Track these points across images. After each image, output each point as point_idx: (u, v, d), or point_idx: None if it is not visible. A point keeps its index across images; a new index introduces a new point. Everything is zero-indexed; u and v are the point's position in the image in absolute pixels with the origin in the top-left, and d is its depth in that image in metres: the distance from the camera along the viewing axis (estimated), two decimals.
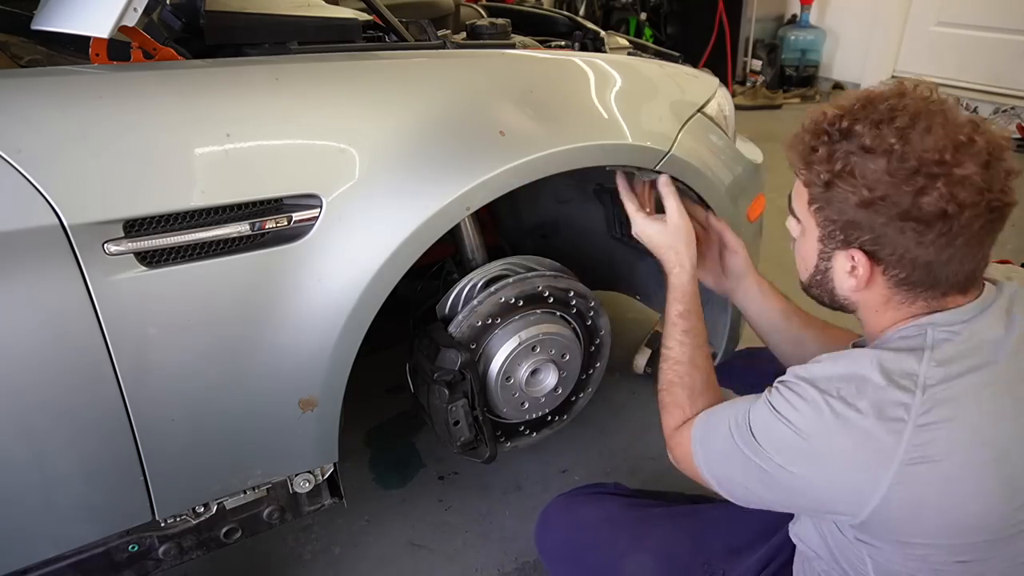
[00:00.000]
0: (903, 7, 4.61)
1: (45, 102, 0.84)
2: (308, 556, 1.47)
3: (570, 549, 1.20)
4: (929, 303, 0.81)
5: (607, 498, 1.24)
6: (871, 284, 0.82)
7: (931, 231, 0.73)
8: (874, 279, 0.81)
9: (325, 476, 1.16)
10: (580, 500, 1.25)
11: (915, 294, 0.80)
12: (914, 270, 0.77)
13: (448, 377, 1.24)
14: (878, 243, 0.77)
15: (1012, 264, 2.85)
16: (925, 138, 0.72)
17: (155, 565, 1.08)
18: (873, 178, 0.74)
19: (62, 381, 0.87)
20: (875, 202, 0.75)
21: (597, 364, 1.51)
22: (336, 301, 0.99)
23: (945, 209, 0.72)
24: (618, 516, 1.18)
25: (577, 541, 1.20)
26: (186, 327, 0.92)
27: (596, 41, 1.56)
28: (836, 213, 0.80)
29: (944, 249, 0.74)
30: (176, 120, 0.89)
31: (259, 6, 1.18)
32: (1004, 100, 4.23)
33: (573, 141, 1.13)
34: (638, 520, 1.19)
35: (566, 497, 1.26)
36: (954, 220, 0.72)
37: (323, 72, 1.04)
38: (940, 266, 0.76)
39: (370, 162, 0.99)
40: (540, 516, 1.25)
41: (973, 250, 0.76)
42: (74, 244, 0.82)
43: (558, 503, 1.26)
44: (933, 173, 0.71)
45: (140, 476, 0.96)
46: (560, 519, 1.24)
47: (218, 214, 0.90)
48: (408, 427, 1.83)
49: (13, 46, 1.19)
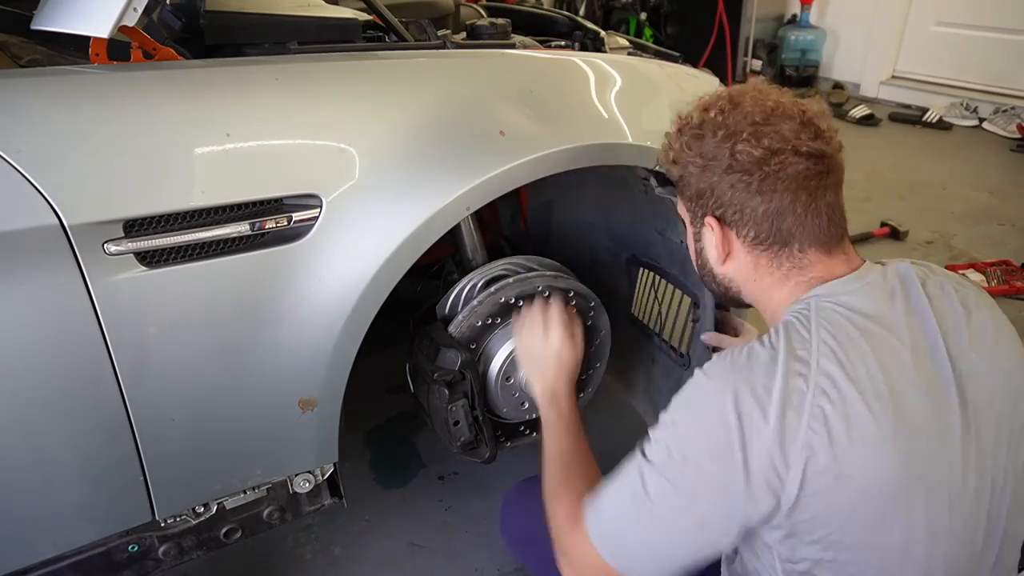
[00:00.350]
0: (903, 7, 4.62)
1: (45, 102, 0.84)
2: (308, 556, 1.47)
3: (526, 533, 1.23)
4: (796, 267, 0.86)
5: None
6: (732, 252, 0.90)
7: (753, 177, 0.83)
8: (732, 245, 0.90)
9: (325, 476, 1.16)
10: (539, 486, 1.27)
11: (773, 254, 0.87)
12: (759, 225, 0.86)
13: (448, 377, 1.24)
14: (720, 204, 0.88)
15: (1011, 264, 2.83)
16: (738, 110, 0.86)
17: (155, 565, 1.08)
18: (704, 148, 0.87)
19: (62, 381, 0.87)
20: (707, 165, 0.87)
21: (597, 364, 1.51)
22: (336, 301, 0.99)
23: (754, 154, 0.83)
24: None
25: (532, 526, 1.21)
26: (186, 327, 0.92)
27: (596, 41, 1.56)
28: (689, 188, 0.91)
29: (771, 195, 0.83)
30: (176, 120, 0.89)
31: (259, 6, 1.18)
32: (1004, 100, 4.23)
33: (573, 141, 1.13)
34: None
35: (527, 482, 1.28)
36: (768, 163, 0.82)
37: (323, 72, 1.04)
38: (779, 216, 0.84)
39: (370, 162, 0.99)
40: (502, 499, 1.27)
41: (804, 201, 0.83)
42: (74, 244, 0.82)
43: (518, 487, 1.28)
44: (744, 131, 0.84)
45: (140, 476, 0.96)
46: (518, 503, 1.27)
47: (218, 214, 0.90)
48: (408, 427, 1.83)
49: (13, 46, 1.19)
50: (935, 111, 4.33)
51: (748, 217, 0.86)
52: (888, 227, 2.88)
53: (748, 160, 0.83)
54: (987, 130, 4.18)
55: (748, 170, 0.84)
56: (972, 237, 2.86)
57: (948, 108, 4.36)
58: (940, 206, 3.14)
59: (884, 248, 2.80)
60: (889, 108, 4.59)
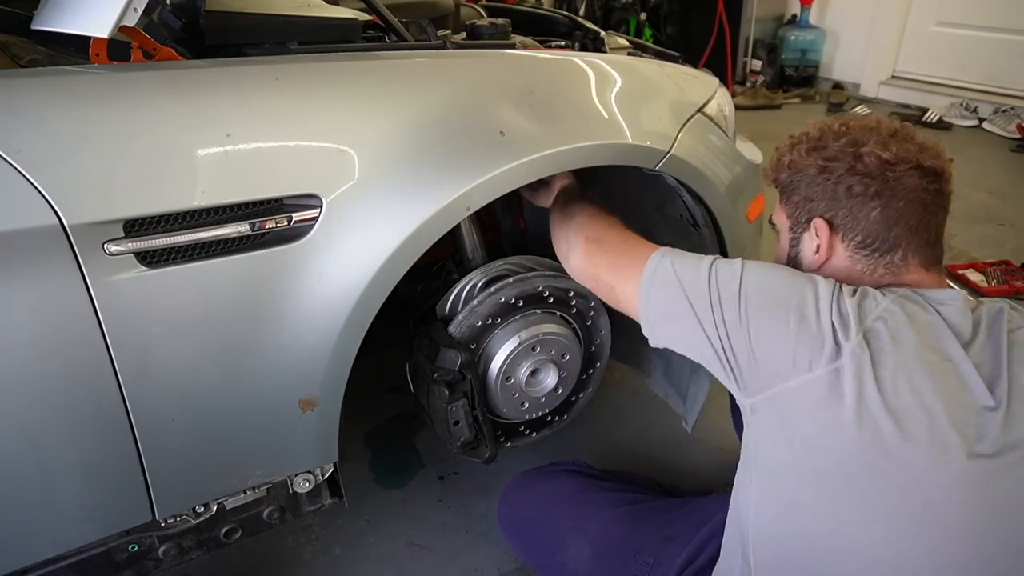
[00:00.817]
0: (903, 7, 4.62)
1: (45, 102, 0.84)
2: (308, 556, 1.47)
3: (522, 526, 1.24)
4: (892, 271, 0.89)
5: (563, 478, 1.27)
6: (832, 255, 0.92)
7: (875, 181, 0.87)
8: (834, 247, 0.92)
9: (325, 476, 1.16)
10: (537, 479, 1.29)
11: (875, 260, 0.90)
12: (868, 230, 0.89)
13: (448, 377, 1.24)
14: (833, 208, 0.91)
15: (1011, 264, 2.83)
16: (862, 125, 0.92)
17: (155, 565, 1.08)
18: (827, 153, 0.91)
19: (62, 381, 0.87)
20: (827, 167, 0.90)
21: (597, 364, 1.51)
22: (336, 301, 0.99)
23: (882, 157, 0.86)
24: (567, 498, 1.22)
25: (528, 519, 1.24)
26: (186, 327, 0.92)
27: (596, 41, 1.56)
28: (797, 193, 0.94)
29: (889, 201, 0.87)
30: (176, 120, 0.89)
31: (259, 6, 1.18)
32: (1004, 100, 4.24)
33: (573, 141, 1.13)
34: (584, 504, 1.24)
35: (524, 476, 1.30)
36: (892, 169, 0.86)
37: (323, 72, 1.04)
38: (893, 223, 0.87)
39: (370, 162, 0.99)
40: (500, 493, 1.28)
41: (918, 214, 0.87)
42: (74, 244, 0.81)
43: (516, 481, 1.30)
44: (870, 140, 0.89)
45: (140, 476, 0.96)
46: (515, 497, 1.30)
47: (218, 214, 0.90)
48: (408, 427, 1.84)
49: (13, 46, 1.19)
50: (935, 111, 4.33)
51: (860, 221, 0.89)
52: None
53: (874, 163, 0.87)
54: (987, 130, 4.18)
55: (871, 174, 0.87)
56: (972, 237, 2.86)
57: (948, 108, 4.37)
58: None
59: None
60: (889, 108, 4.59)
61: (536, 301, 1.33)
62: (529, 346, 1.32)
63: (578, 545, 1.16)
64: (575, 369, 1.43)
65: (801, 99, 4.91)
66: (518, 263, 1.37)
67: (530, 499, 1.25)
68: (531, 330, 1.32)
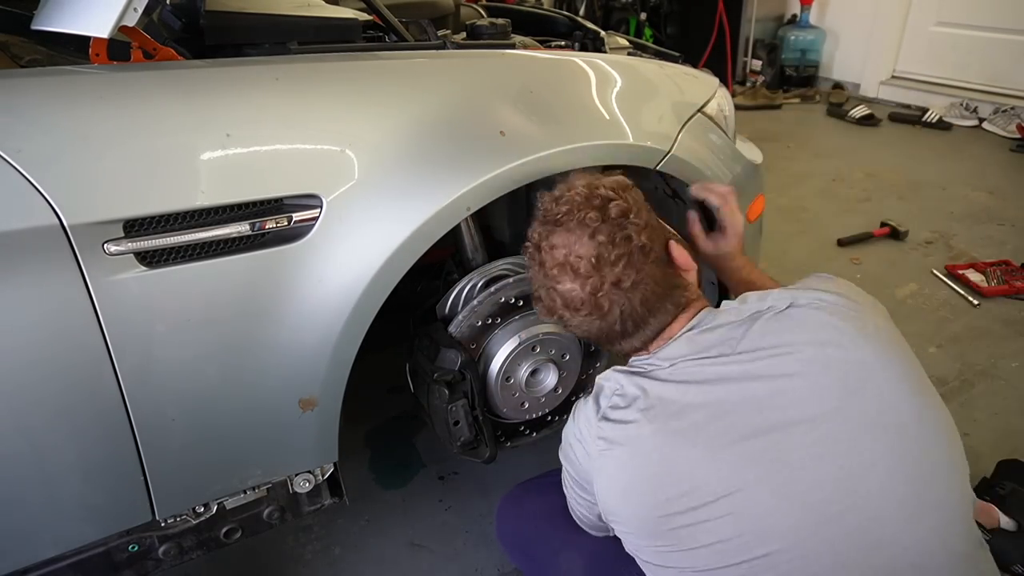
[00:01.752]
0: (903, 7, 4.61)
1: (45, 102, 0.84)
2: (308, 556, 1.47)
3: (518, 538, 1.25)
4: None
5: (557, 491, 1.27)
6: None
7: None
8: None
9: (325, 476, 1.16)
10: (531, 492, 1.29)
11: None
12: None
13: (448, 377, 1.24)
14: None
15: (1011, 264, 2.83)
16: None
17: (155, 565, 1.08)
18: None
19: (62, 381, 0.87)
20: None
21: (597, 364, 1.51)
22: (336, 301, 0.99)
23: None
24: (561, 510, 1.21)
25: (523, 532, 1.24)
26: (186, 327, 0.92)
27: (596, 41, 1.56)
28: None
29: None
30: (176, 120, 0.89)
31: (259, 6, 1.18)
32: (1003, 100, 4.23)
33: (574, 141, 1.13)
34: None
35: (519, 488, 1.31)
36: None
37: (323, 72, 1.04)
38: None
39: (370, 162, 0.99)
40: (498, 505, 1.28)
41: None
42: (74, 244, 0.82)
43: (512, 494, 1.31)
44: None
45: (140, 476, 0.96)
46: (511, 510, 1.29)
47: (218, 214, 0.90)
48: (408, 427, 1.83)
49: (13, 46, 1.19)
50: (935, 111, 4.33)
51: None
52: (888, 227, 2.88)
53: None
54: (987, 130, 4.17)
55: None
56: (972, 237, 2.86)
57: (948, 108, 4.37)
58: (940, 206, 3.14)
59: (884, 248, 2.80)
60: (889, 108, 4.58)
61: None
62: (529, 346, 1.32)
63: (570, 559, 1.16)
64: (575, 369, 1.43)
65: (801, 99, 4.91)
66: (518, 263, 1.37)
67: (522, 514, 1.26)
68: (531, 330, 1.32)
